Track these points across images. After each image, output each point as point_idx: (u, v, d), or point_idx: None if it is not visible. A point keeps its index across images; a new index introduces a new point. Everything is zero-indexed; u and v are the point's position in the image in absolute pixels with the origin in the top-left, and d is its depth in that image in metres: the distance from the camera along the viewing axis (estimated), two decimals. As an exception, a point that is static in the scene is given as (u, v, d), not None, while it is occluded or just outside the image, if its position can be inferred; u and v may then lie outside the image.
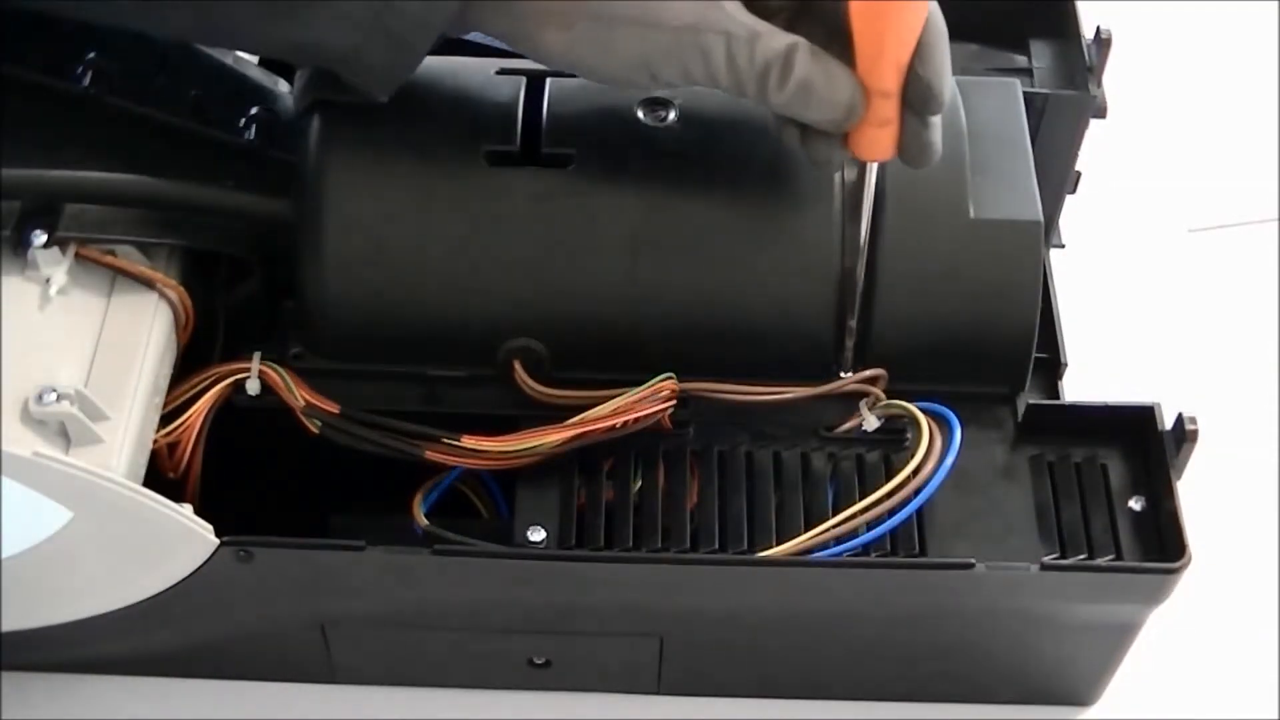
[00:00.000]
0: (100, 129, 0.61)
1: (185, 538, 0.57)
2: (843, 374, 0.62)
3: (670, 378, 0.60)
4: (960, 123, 0.62)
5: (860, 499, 0.59)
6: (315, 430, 0.61)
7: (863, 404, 0.62)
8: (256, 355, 0.62)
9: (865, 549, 0.59)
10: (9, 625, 0.60)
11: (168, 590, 0.59)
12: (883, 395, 0.62)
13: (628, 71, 0.56)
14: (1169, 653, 0.66)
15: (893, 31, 0.54)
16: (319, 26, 0.56)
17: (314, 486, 0.64)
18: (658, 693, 0.66)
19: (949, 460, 0.59)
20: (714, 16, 0.55)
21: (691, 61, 0.56)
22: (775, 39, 0.55)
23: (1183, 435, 0.60)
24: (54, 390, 0.55)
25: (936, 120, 0.57)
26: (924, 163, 0.57)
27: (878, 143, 0.57)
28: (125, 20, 0.59)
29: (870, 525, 0.59)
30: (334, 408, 0.61)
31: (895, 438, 0.62)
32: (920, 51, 0.55)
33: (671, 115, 0.62)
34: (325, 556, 0.58)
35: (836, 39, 0.56)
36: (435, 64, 0.61)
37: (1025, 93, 0.66)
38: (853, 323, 0.62)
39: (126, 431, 0.57)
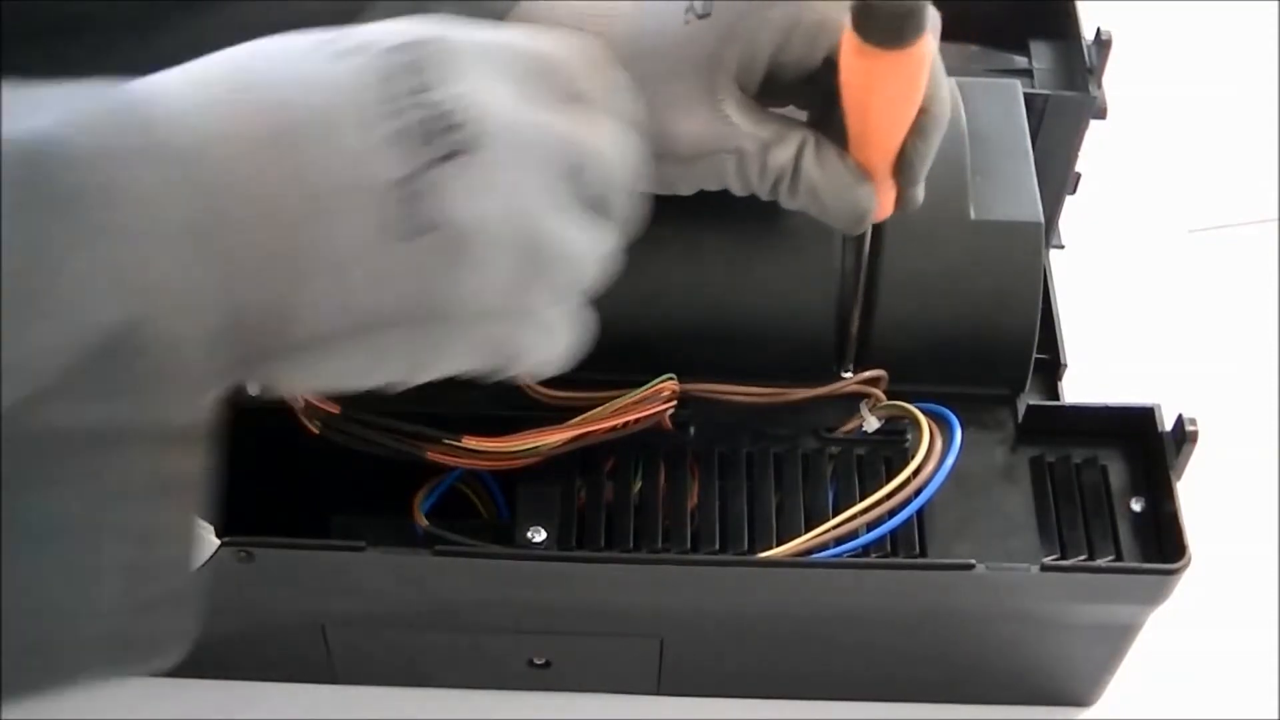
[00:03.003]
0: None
1: (185, 538, 0.57)
2: (843, 375, 0.62)
3: (671, 379, 0.60)
4: (961, 124, 0.62)
5: (860, 500, 0.59)
6: (315, 430, 0.61)
7: (863, 405, 0.62)
8: (257, 355, 0.62)
9: (865, 550, 0.59)
10: (9, 625, 0.60)
11: (168, 590, 0.59)
12: (883, 396, 0.62)
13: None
14: (1169, 653, 0.66)
15: (878, 128, 0.54)
16: None
17: (314, 486, 0.64)
18: (658, 693, 0.66)
19: (949, 461, 0.59)
20: (724, 137, 0.54)
21: (705, 179, 0.56)
22: (785, 147, 0.54)
23: (1183, 436, 0.60)
24: (54, 391, 0.55)
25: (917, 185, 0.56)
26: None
27: None
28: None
29: (870, 526, 0.59)
30: (334, 408, 0.61)
31: (895, 438, 0.62)
32: (916, 134, 0.54)
33: (672, 116, 0.62)
34: (325, 556, 0.58)
35: None
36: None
37: (1025, 94, 0.66)
38: (854, 324, 0.62)
39: (127, 432, 0.56)
